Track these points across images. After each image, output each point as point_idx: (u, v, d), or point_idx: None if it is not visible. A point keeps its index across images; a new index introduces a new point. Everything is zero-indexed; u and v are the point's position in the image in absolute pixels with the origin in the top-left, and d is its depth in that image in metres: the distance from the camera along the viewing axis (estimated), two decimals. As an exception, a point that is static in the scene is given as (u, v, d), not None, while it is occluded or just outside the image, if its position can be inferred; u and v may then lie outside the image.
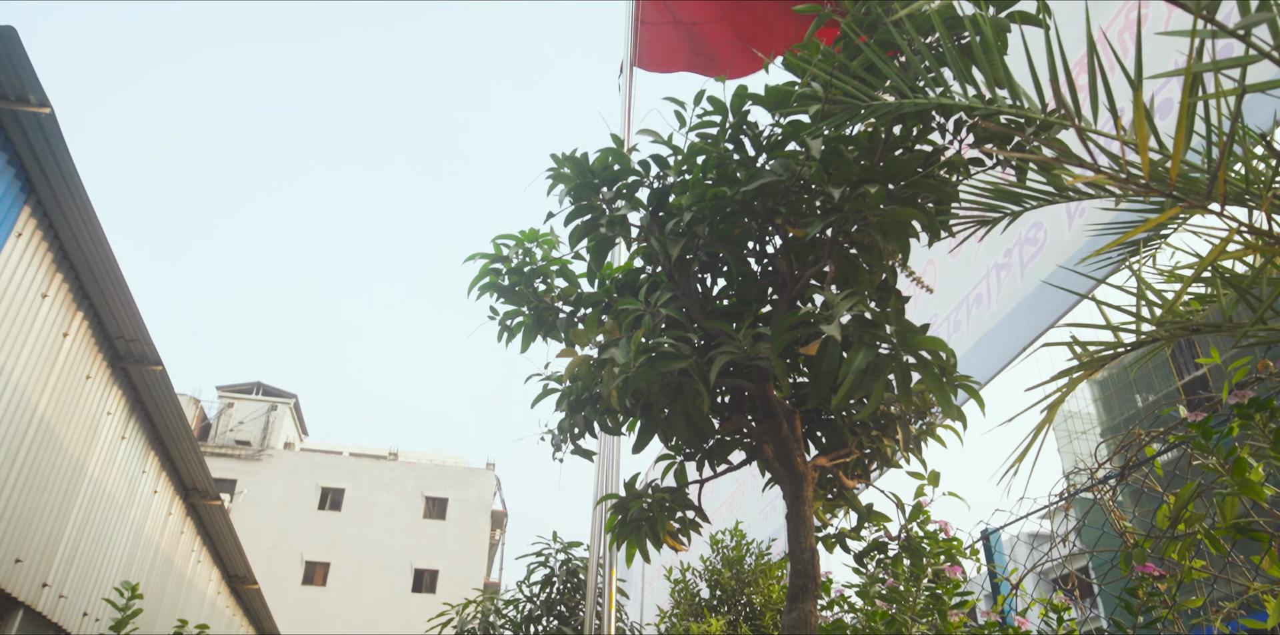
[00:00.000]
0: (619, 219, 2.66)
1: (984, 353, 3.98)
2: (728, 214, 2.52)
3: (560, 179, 2.76)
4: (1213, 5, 1.44)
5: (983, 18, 2.12)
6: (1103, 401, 17.96)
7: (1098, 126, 2.07)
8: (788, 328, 2.18)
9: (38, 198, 7.36)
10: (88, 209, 7.49)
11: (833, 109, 2.21)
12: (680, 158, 2.64)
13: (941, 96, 2.12)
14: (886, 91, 2.19)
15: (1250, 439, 2.22)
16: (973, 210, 2.49)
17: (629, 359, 2.38)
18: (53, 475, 8.50)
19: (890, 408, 2.93)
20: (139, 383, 10.14)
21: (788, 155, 2.42)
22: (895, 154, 2.43)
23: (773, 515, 7.52)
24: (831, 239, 2.44)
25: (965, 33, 2.24)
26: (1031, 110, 2.12)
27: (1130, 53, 3.26)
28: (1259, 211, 1.80)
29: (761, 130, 2.50)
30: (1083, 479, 3.32)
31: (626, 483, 2.99)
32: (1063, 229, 3.54)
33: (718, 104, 2.51)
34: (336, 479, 32.79)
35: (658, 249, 2.60)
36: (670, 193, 2.68)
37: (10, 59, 6.01)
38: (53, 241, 7.79)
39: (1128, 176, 1.76)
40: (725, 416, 2.89)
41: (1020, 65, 2.14)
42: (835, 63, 2.24)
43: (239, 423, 34.12)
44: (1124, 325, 2.26)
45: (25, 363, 7.62)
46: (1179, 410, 2.73)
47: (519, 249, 3.15)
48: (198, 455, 12.23)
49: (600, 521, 4.78)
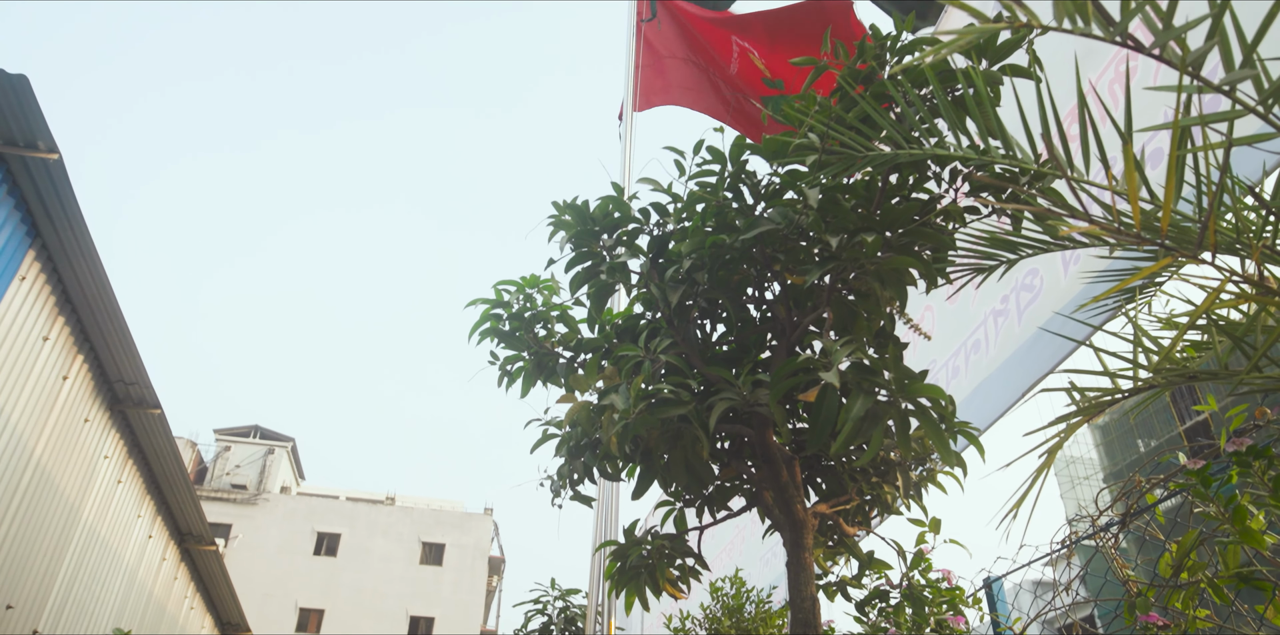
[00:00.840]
0: (619, 266, 2.69)
1: (983, 398, 3.98)
2: (727, 261, 2.54)
3: (561, 226, 2.79)
4: (1198, 61, 1.48)
5: (975, 71, 2.17)
6: (1105, 447, 17.88)
7: (1090, 176, 2.11)
8: (787, 374, 2.19)
9: (43, 241, 7.42)
10: (91, 252, 7.55)
11: (830, 159, 2.25)
12: (680, 206, 2.67)
13: (936, 147, 2.16)
14: (882, 142, 2.23)
15: (1250, 487, 2.22)
16: (969, 258, 2.52)
17: (629, 405, 2.39)
18: (47, 520, 8.43)
19: (890, 454, 2.92)
20: (137, 426, 10.10)
21: (786, 204, 2.46)
22: (891, 202, 2.47)
23: (773, 562, 7.44)
24: (830, 286, 2.46)
25: (959, 85, 2.29)
26: (1025, 161, 2.16)
27: (1120, 104, 3.32)
28: (1251, 260, 1.83)
29: (760, 179, 2.54)
30: (1085, 526, 3.30)
31: (626, 529, 2.97)
32: (1058, 276, 3.57)
33: (717, 153, 2.55)
34: (332, 524, 32.44)
35: (658, 295, 2.63)
36: (670, 240, 2.71)
37: (22, 107, 6.11)
38: (55, 285, 7.83)
39: (1120, 227, 1.79)
40: (725, 462, 2.88)
41: (1013, 114, 2.18)
42: (832, 114, 2.29)
43: (235, 466, 33.88)
44: (1121, 372, 2.27)
45: (24, 406, 7.61)
46: (1179, 457, 2.72)
47: (520, 295, 3.17)
48: (194, 500, 12.14)
49: (599, 568, 4.74)
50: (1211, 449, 2.64)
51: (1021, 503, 2.22)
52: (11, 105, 6.10)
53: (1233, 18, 1.55)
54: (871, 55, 2.41)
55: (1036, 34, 1.83)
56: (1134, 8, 1.43)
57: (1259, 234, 1.86)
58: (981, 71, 2.25)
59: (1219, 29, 1.49)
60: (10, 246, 6.95)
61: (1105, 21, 1.48)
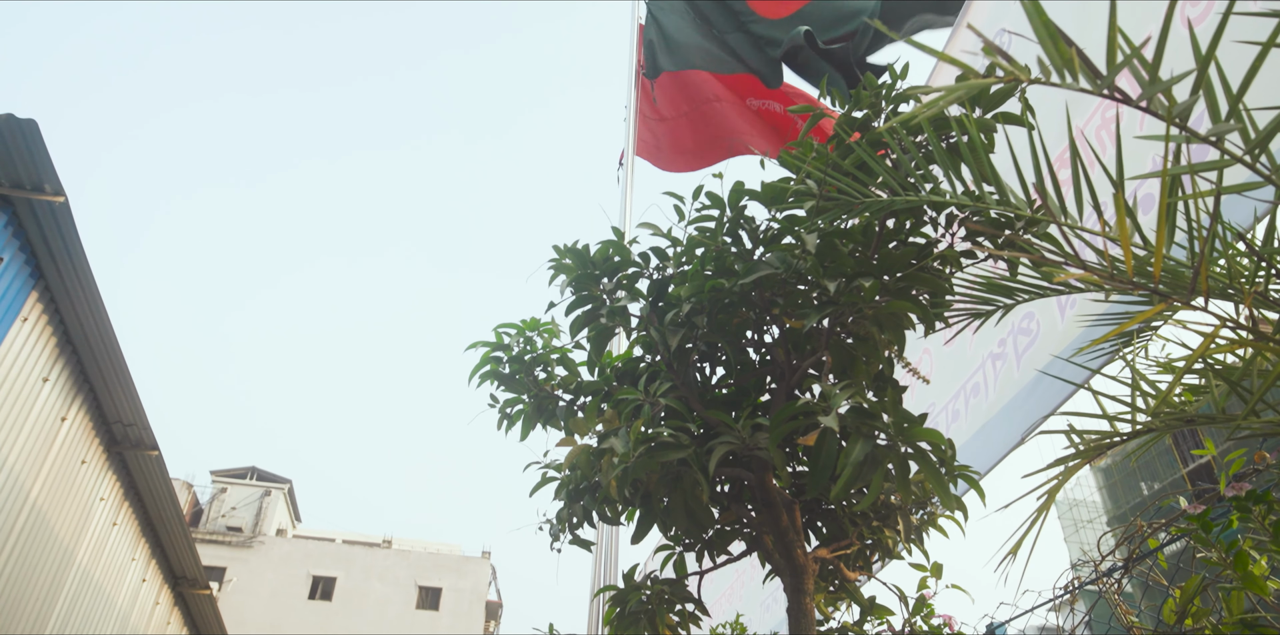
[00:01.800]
0: (619, 309, 2.71)
1: (983, 441, 3.97)
2: (726, 305, 2.57)
3: (562, 269, 2.82)
4: (1185, 113, 1.51)
5: (968, 119, 2.21)
6: (1107, 490, 17.76)
7: (1083, 221, 2.14)
8: (786, 418, 2.20)
9: (45, 283, 7.47)
10: (93, 294, 7.59)
11: (827, 205, 2.29)
12: (680, 250, 2.70)
13: (932, 193, 2.20)
14: (879, 188, 2.27)
15: (1252, 532, 2.21)
16: (966, 302, 2.54)
17: (628, 449, 2.39)
18: (41, 563, 8.35)
19: (891, 498, 2.91)
20: (134, 468, 10.05)
21: (784, 249, 2.49)
22: (889, 247, 2.50)
23: (774, 608, 7.35)
24: (828, 330, 2.48)
25: (952, 132, 2.33)
26: (1019, 206, 2.19)
27: (1109, 150, 3.37)
28: (1245, 305, 1.85)
29: (759, 224, 2.57)
30: (1088, 571, 3.28)
31: (625, 574, 2.95)
32: (1055, 320, 3.59)
33: (715, 199, 2.59)
34: (328, 567, 32.04)
35: (657, 339, 2.64)
36: (670, 284, 2.74)
37: (30, 151, 6.20)
38: (57, 326, 7.86)
39: (1114, 272, 1.82)
40: (725, 506, 2.88)
41: (1006, 159, 2.22)
42: (829, 161, 2.33)
43: (231, 508, 33.57)
44: (1120, 415, 2.28)
45: (22, 447, 7.58)
46: (1180, 501, 2.72)
47: (520, 337, 3.19)
48: (189, 543, 12.02)
49: (598, 614, 4.68)
50: (1213, 493, 2.63)
51: (1020, 545, 2.22)
52: (20, 149, 6.19)
53: (1218, 69, 1.59)
54: (867, 103, 2.46)
55: (1026, 84, 1.87)
56: (1120, 62, 1.47)
57: (1251, 280, 1.88)
58: (975, 119, 2.29)
59: (1204, 81, 1.53)
60: (14, 288, 6.99)
61: (1092, 74, 1.52)
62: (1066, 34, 1.52)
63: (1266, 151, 1.59)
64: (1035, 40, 1.53)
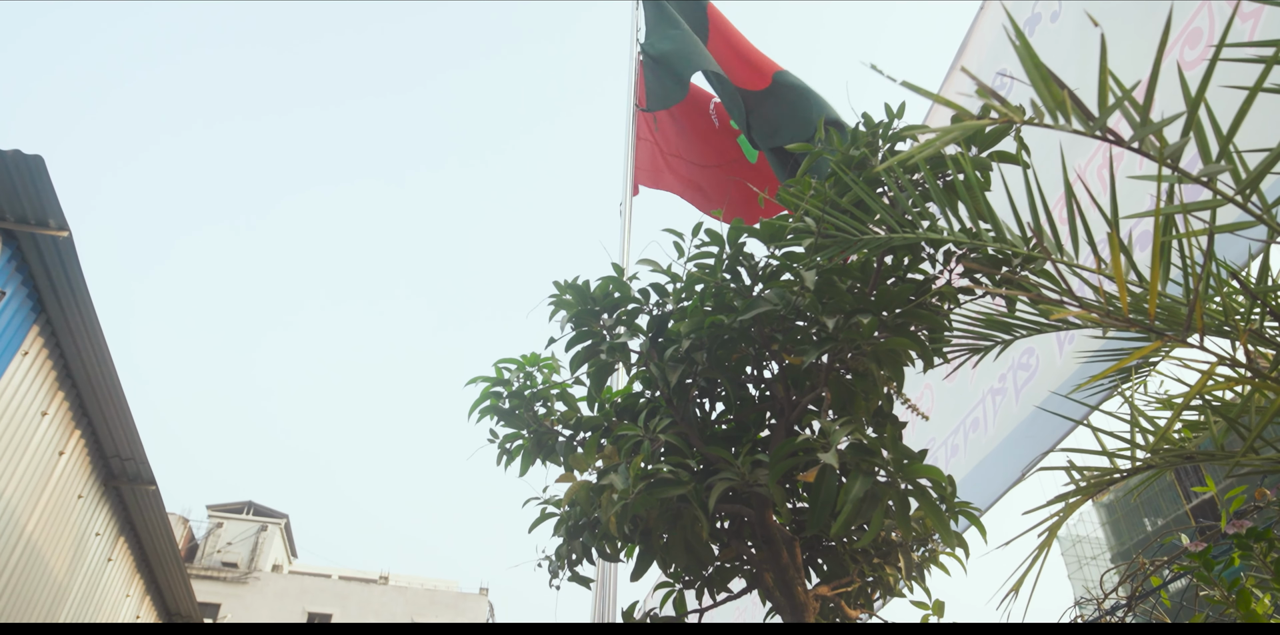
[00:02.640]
0: (619, 345, 2.72)
1: (983, 477, 3.96)
2: (725, 341, 2.58)
3: (562, 305, 2.84)
4: (1176, 154, 1.54)
5: (964, 157, 2.24)
6: (1111, 526, 17.61)
7: (1080, 258, 2.16)
8: (785, 455, 2.20)
9: (47, 317, 7.49)
10: (94, 328, 7.61)
11: (825, 242, 2.31)
12: (679, 286, 2.72)
13: (929, 230, 2.22)
14: (876, 225, 2.29)
15: (1254, 569, 2.20)
16: (965, 338, 2.56)
17: (628, 485, 2.39)
18: (35, 599, 8.26)
19: (891, 535, 2.90)
20: (130, 503, 9.99)
21: (783, 285, 2.51)
22: (888, 283, 2.52)
23: (776, 645, 7.25)
24: (828, 366, 2.49)
25: (949, 171, 2.36)
26: (1015, 243, 2.21)
27: (1108, 186, 3.40)
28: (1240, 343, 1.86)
29: (757, 261, 2.60)
30: (1091, 609, 3.25)
31: (624, 611, 2.93)
32: (1054, 356, 3.60)
33: (715, 236, 2.61)
34: (324, 603, 31.67)
35: (657, 375, 2.65)
36: (669, 320, 2.75)
37: (35, 186, 6.25)
38: (57, 360, 7.86)
39: (1111, 309, 1.83)
40: (725, 543, 2.86)
41: (1003, 195, 2.25)
42: (826, 198, 2.35)
43: (227, 543, 33.25)
44: (1119, 451, 2.28)
45: (18, 482, 7.55)
46: (1182, 538, 2.71)
47: (520, 373, 3.20)
48: (184, 578, 11.91)
49: (597, 652, 4.63)
50: (1215, 530, 2.62)
51: (1022, 582, 2.20)
52: (26, 185, 6.25)
53: (1208, 111, 1.62)
54: (864, 142, 2.49)
55: (1020, 125, 1.90)
56: (1111, 105, 1.50)
57: (1246, 317, 1.90)
58: (970, 158, 2.32)
59: (1194, 122, 1.55)
60: (15, 322, 7.01)
61: (1085, 116, 1.55)
62: (1058, 76, 1.55)
63: (1257, 191, 1.62)
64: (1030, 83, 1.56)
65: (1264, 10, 2.79)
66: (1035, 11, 4.07)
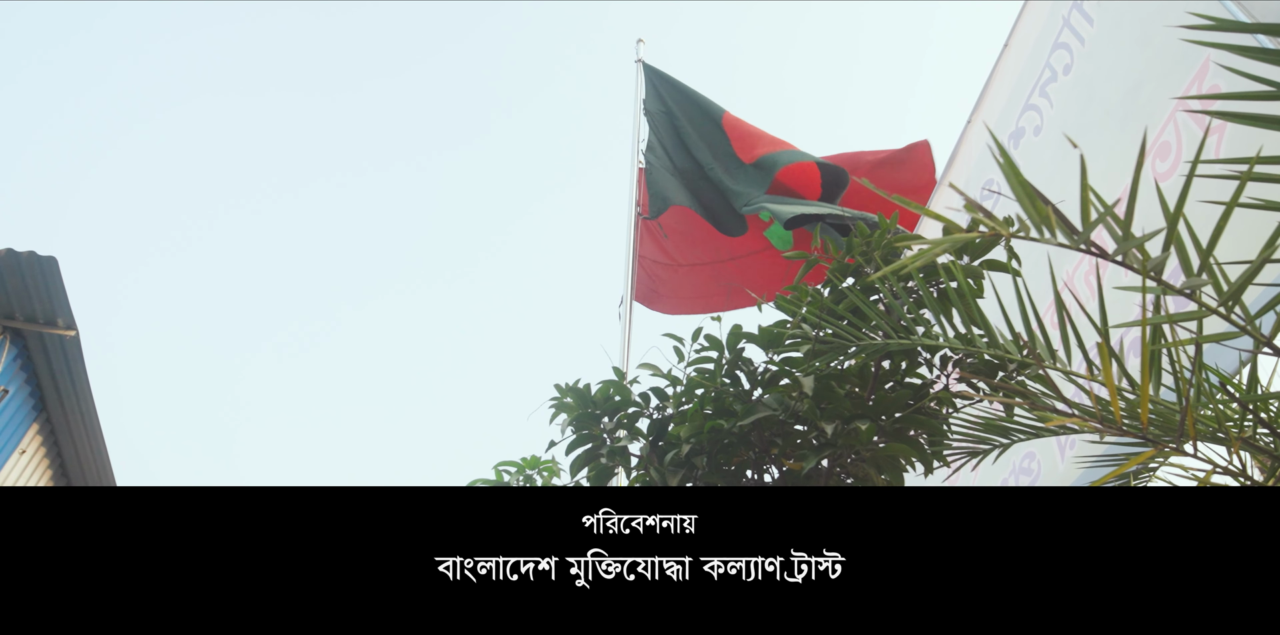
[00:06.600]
0: (620, 449, 2.73)
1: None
2: (725, 446, 2.59)
3: (563, 408, 2.86)
4: (1159, 267, 1.59)
5: (956, 266, 2.31)
6: None
7: (1073, 364, 2.19)
8: (787, 562, 2.18)
9: (47, 414, 7.49)
10: (94, 427, 7.60)
11: (823, 348, 2.35)
12: (679, 390, 2.75)
13: (924, 336, 2.26)
14: (872, 331, 2.34)
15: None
16: (964, 441, 2.57)
17: (628, 592, 2.36)
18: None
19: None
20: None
21: (781, 390, 2.53)
22: (886, 388, 2.54)
23: None
24: (828, 471, 2.49)
25: (941, 279, 2.43)
26: (1009, 348, 2.26)
27: (1095, 296, 3.47)
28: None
29: (756, 366, 2.63)
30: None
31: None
32: (1056, 461, 3.59)
33: (714, 341, 2.66)
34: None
35: (657, 479, 2.65)
36: (669, 423, 2.77)
37: (48, 288, 6.37)
38: (55, 458, 7.82)
39: (1106, 416, 1.85)
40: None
41: (995, 302, 2.30)
42: (823, 305, 2.41)
43: None
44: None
45: (5, 585, 7.39)
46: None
47: (520, 475, 3.19)
48: None
49: None
50: None
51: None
52: (38, 285, 6.36)
53: (1187, 225, 1.69)
54: (858, 251, 2.57)
55: (1008, 238, 1.97)
56: (1094, 220, 1.56)
57: (1239, 424, 1.92)
58: (962, 267, 2.39)
59: (1174, 237, 1.61)
60: (15, 420, 7.02)
61: (1070, 230, 1.61)
62: (1041, 192, 1.62)
63: (1240, 303, 1.66)
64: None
65: (1228, 124, 2.92)
66: (1019, 125, 4.24)
